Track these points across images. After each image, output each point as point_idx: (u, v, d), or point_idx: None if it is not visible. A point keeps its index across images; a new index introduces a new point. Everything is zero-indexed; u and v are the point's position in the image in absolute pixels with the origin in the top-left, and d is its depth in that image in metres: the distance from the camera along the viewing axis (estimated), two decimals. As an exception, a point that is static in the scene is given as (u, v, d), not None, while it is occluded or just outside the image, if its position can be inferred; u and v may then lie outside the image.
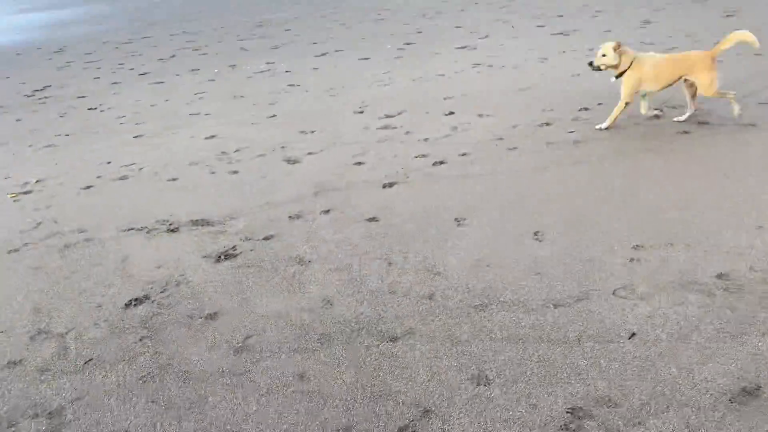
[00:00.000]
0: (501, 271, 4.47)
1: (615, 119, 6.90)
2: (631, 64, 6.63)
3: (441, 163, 6.62)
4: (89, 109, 10.53)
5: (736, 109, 6.63)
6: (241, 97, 10.30)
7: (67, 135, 9.14)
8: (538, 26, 13.35)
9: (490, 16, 15.29)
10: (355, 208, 5.77)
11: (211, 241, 5.36)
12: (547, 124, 7.45)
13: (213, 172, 7.05)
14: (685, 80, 6.69)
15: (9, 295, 4.77)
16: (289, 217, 5.71)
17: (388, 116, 8.51)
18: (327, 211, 5.75)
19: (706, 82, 6.55)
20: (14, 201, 6.77)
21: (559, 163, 6.31)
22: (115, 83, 12.30)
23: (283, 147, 7.66)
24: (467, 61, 10.97)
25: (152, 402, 3.54)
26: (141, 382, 3.70)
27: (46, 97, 11.71)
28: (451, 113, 8.28)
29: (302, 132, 8.20)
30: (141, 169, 7.38)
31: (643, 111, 7.06)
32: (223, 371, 3.72)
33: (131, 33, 19.20)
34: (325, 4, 21.05)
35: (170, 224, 5.76)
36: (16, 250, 5.54)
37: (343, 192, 6.14)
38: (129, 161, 7.67)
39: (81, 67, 14.53)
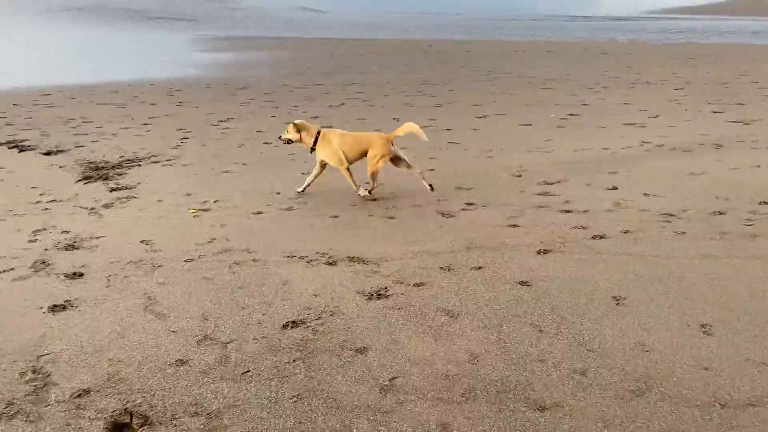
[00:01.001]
0: (662, 358, 4.22)
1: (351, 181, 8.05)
2: (317, 137, 7.87)
3: (601, 237, 6.44)
4: (264, 143, 11.44)
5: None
6: (402, 148, 10.70)
7: (244, 164, 9.96)
8: (714, 112, 12.75)
9: (662, 97, 14.82)
10: (507, 269, 5.74)
11: (365, 279, 5.55)
12: (721, 212, 7.03)
13: (371, 215, 7.34)
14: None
15: (183, 300, 5.23)
16: (441, 267, 5.80)
17: (546, 183, 8.45)
18: (478, 268, 5.76)
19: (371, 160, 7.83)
20: (194, 216, 7.45)
21: (732, 254, 5.90)
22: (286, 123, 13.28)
23: (438, 200, 7.83)
24: (635, 138, 10.68)
25: (300, 423, 3.68)
26: (292, 401, 3.88)
27: (228, 128, 12.88)
28: (615, 188, 8.06)
29: (458, 188, 8.36)
30: (305, 203, 7.86)
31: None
32: (369, 406, 3.80)
33: (307, 79, 20.75)
34: (490, 70, 21.52)
35: (329, 257, 6.05)
36: (191, 260, 6.07)
37: (496, 251, 6.14)
38: (295, 196, 8.19)
39: (260, 104, 15.88)
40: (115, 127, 12.76)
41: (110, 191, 8.49)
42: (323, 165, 8.12)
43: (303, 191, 8.26)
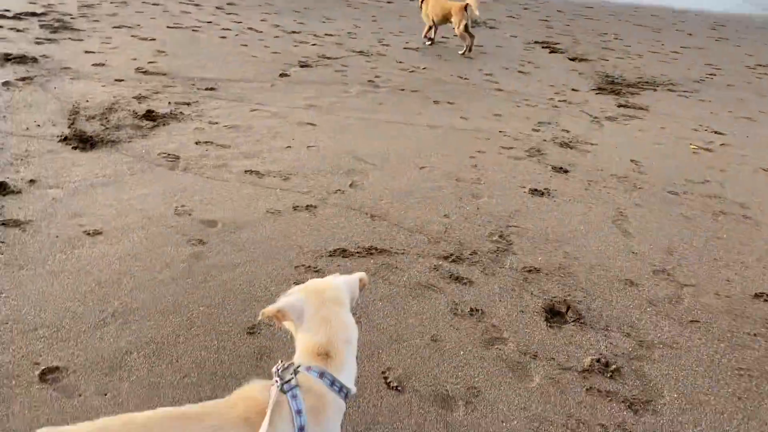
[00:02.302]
0: None
1: None
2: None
3: None
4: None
5: None
6: None
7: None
8: None
9: None
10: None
11: None
12: None
13: None
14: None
15: (653, 228, 4.98)
16: None
17: None
18: None
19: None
20: (693, 152, 6.88)
21: None
22: None
23: None
24: None
25: (740, 399, 3.19)
26: (736, 372, 3.38)
27: (764, 74, 11.24)
28: None
29: None
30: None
31: None
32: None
33: None
34: None
35: None
36: (675, 193, 5.67)
37: None
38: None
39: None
40: (642, 49, 12.49)
41: (618, 106, 8.45)
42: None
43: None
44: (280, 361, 1.86)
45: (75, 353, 3.08)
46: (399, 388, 3.06)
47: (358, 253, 4.23)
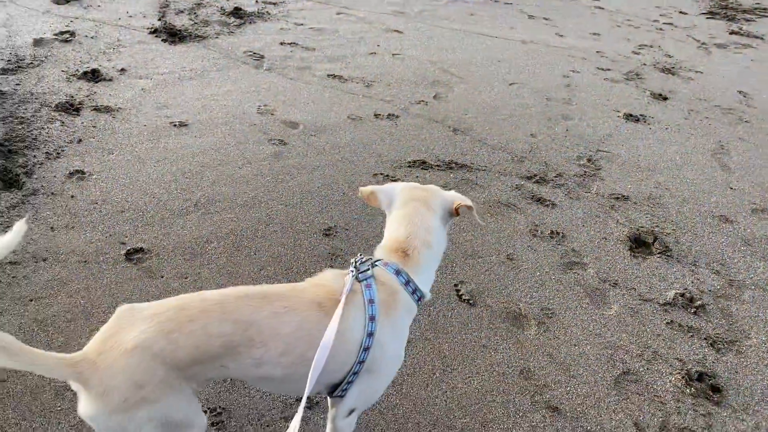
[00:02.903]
0: None
1: None
2: None
3: None
4: None
5: None
6: None
7: None
8: None
9: None
10: None
11: None
12: None
13: None
14: None
15: (756, 164, 4.62)
16: None
17: None
18: None
19: None
20: (811, 88, 6.28)
21: None
22: None
23: None
24: None
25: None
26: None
27: None
28: None
29: None
30: None
31: None
32: None
33: None
34: None
35: None
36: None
37: None
38: None
39: None
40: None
41: (729, 33, 7.76)
42: None
43: None
44: (359, 254, 1.83)
45: (158, 237, 3.18)
46: (471, 301, 3.02)
47: (437, 166, 4.13)
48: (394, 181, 3.89)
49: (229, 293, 1.60)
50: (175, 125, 4.21)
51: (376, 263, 1.79)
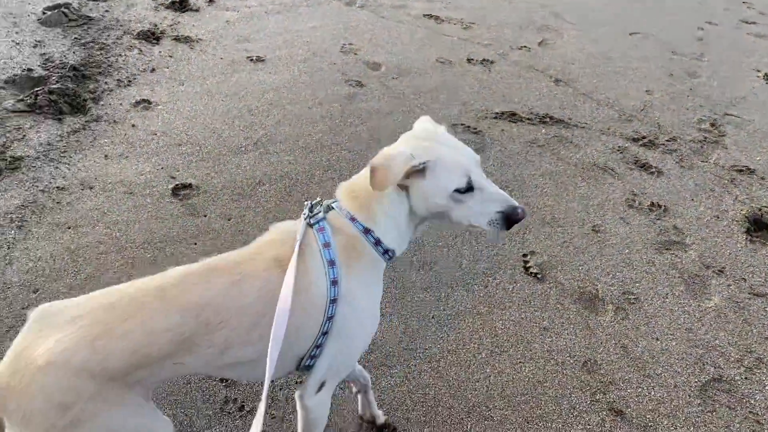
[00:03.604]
0: None
1: None
2: None
3: None
4: None
5: None
6: None
7: None
8: None
9: None
10: None
11: None
12: None
13: None
14: None
15: None
16: None
17: None
18: None
19: None
20: None
21: None
22: None
23: None
24: None
25: None
26: None
27: None
28: None
29: None
30: None
31: None
32: None
33: None
34: None
35: None
36: None
37: None
38: None
39: None
40: None
41: None
42: None
43: None
44: (318, 197, 1.56)
45: (210, 174, 3.01)
46: (539, 275, 2.62)
47: (528, 119, 3.67)
48: (475, 133, 3.49)
49: (166, 276, 1.33)
50: (252, 60, 4.01)
51: (332, 206, 1.49)
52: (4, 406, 1.19)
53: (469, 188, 1.40)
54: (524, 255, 2.72)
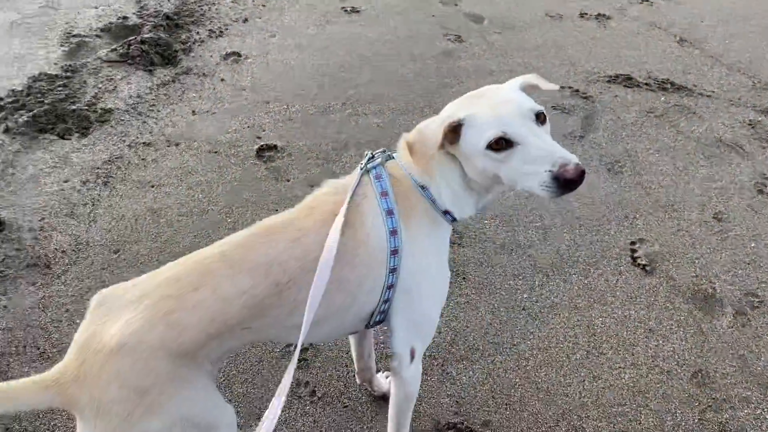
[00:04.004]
0: None
1: None
2: None
3: None
4: None
5: None
6: None
7: None
8: None
9: None
10: None
11: None
12: None
13: None
14: None
15: None
16: None
17: None
18: None
19: None
20: None
21: None
22: None
23: None
24: None
25: None
26: None
27: None
28: None
29: None
30: None
31: None
32: None
33: None
34: None
35: None
36: None
37: None
38: None
39: None
40: None
41: None
42: None
43: None
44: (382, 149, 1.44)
45: (296, 136, 2.88)
46: (648, 267, 2.34)
47: (646, 84, 3.29)
48: (584, 98, 3.17)
49: (225, 243, 1.25)
50: (346, 11, 3.82)
51: (392, 156, 1.41)
52: (75, 402, 1.11)
53: (509, 144, 1.21)
54: (632, 243, 2.43)
